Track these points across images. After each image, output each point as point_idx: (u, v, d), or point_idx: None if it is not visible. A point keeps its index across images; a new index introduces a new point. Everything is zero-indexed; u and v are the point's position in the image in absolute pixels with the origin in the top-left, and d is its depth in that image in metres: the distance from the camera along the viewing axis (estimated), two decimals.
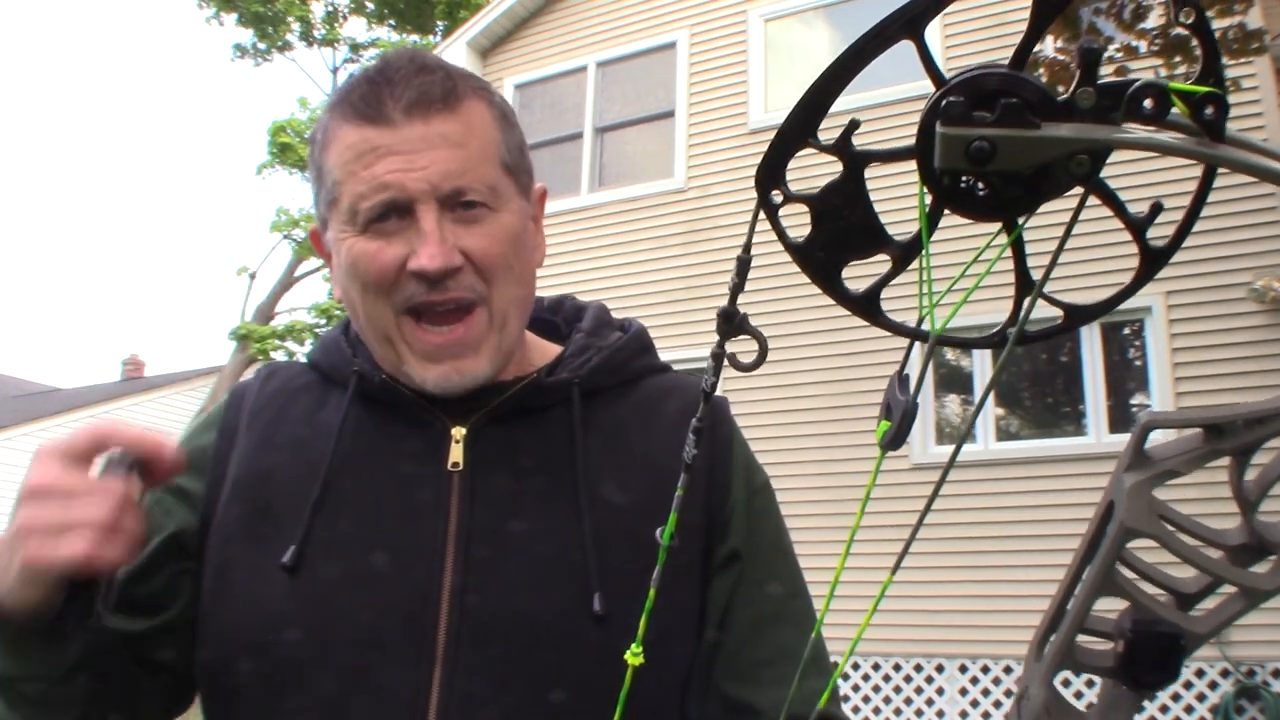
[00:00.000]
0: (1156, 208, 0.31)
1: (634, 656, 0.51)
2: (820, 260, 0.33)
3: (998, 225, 0.31)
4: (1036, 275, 0.31)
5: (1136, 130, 0.27)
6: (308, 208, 18.09)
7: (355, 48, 20.08)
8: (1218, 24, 5.52)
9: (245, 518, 0.88)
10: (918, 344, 0.34)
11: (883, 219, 0.33)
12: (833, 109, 0.31)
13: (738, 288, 0.35)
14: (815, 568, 1.06)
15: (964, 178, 0.29)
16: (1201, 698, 6.11)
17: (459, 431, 0.89)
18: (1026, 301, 0.32)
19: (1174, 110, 0.27)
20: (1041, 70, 5.30)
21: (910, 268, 0.34)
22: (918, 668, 6.85)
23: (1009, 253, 0.32)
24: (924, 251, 0.31)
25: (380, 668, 0.82)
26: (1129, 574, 0.25)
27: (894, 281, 0.35)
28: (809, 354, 7.54)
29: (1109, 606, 0.26)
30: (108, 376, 25.48)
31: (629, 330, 1.00)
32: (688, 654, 0.87)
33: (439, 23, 18.44)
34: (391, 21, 19.32)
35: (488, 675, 0.82)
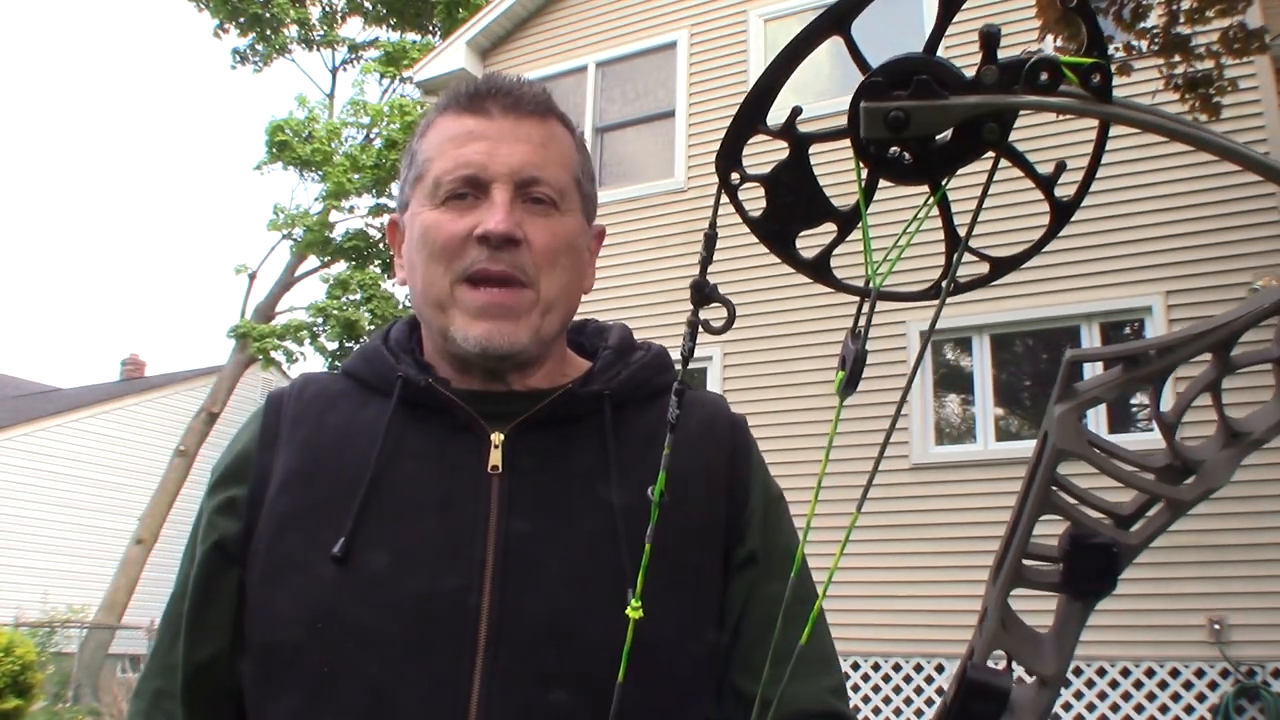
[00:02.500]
0: (1060, 166, 0.35)
1: (634, 610, 0.54)
2: (775, 231, 0.37)
3: (925, 190, 0.34)
4: (963, 233, 0.34)
5: (1031, 96, 0.30)
6: (306, 206, 18.08)
7: (354, 48, 20.09)
8: (1218, 24, 5.54)
9: (289, 519, 0.91)
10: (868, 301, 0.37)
11: (827, 192, 0.37)
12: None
13: (706, 260, 0.39)
14: (815, 561, 1.08)
15: (892, 149, 0.32)
16: (1201, 698, 6.12)
17: (498, 437, 0.93)
18: (955, 256, 0.35)
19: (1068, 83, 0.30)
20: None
21: (853, 234, 0.37)
22: (918, 668, 6.87)
23: (938, 214, 0.35)
24: (863, 218, 0.35)
25: (421, 665, 0.85)
26: (1068, 499, 0.27)
27: (841, 246, 0.38)
28: (806, 347, 7.56)
29: (1055, 534, 0.28)
30: (107, 376, 25.53)
31: (651, 350, 1.06)
32: (708, 649, 0.91)
33: (437, 22, 18.46)
34: (391, 21, 19.33)
35: (525, 673, 0.85)
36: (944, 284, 0.36)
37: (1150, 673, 6.29)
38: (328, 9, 19.50)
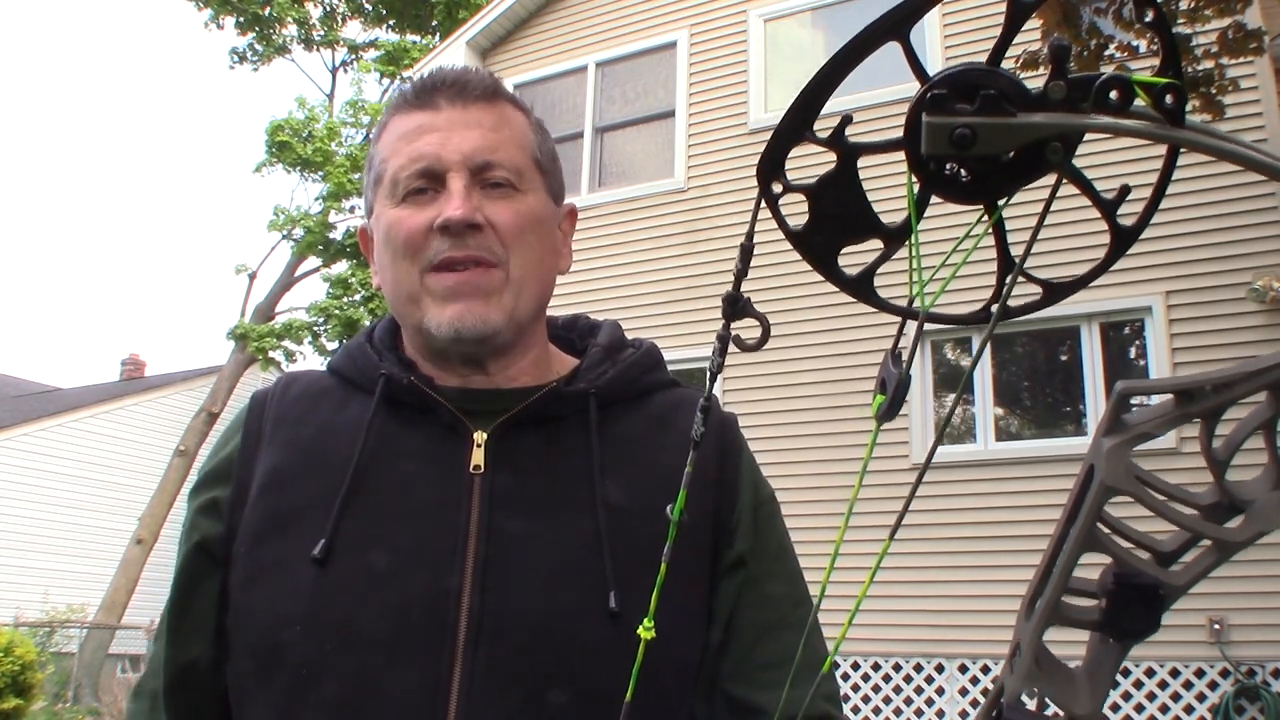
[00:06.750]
0: (1124, 190, 0.33)
1: (646, 631, 0.53)
2: (817, 246, 0.36)
3: (980, 209, 0.33)
4: (1017, 255, 0.33)
5: (1103, 118, 0.29)
6: (306, 206, 18.08)
7: (354, 49, 20.06)
8: (1216, 23, 5.53)
9: (270, 518, 0.91)
10: (910, 322, 0.36)
11: (874, 206, 0.36)
12: (828, 105, 0.33)
13: (741, 273, 0.38)
14: (814, 561, 1.08)
15: (948, 165, 0.31)
16: (1201, 698, 6.11)
17: (480, 436, 0.92)
18: (1008, 279, 0.34)
19: (1137, 101, 0.29)
20: (1044, 69, 5.30)
21: (900, 251, 0.36)
22: (918, 668, 6.87)
23: (992, 235, 0.34)
24: (913, 235, 0.33)
25: (400, 665, 0.84)
26: (1110, 533, 0.27)
27: (886, 264, 0.37)
28: (807, 347, 7.56)
29: (1093, 562, 0.27)
30: (107, 376, 25.48)
31: (641, 347, 1.04)
32: (696, 652, 0.90)
33: (435, 22, 18.42)
34: (390, 22, 19.30)
35: (505, 674, 0.84)
36: (994, 308, 0.35)
37: (1150, 673, 6.28)
38: (328, 9, 19.46)
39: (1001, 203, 0.33)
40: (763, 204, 0.35)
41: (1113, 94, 0.29)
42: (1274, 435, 0.26)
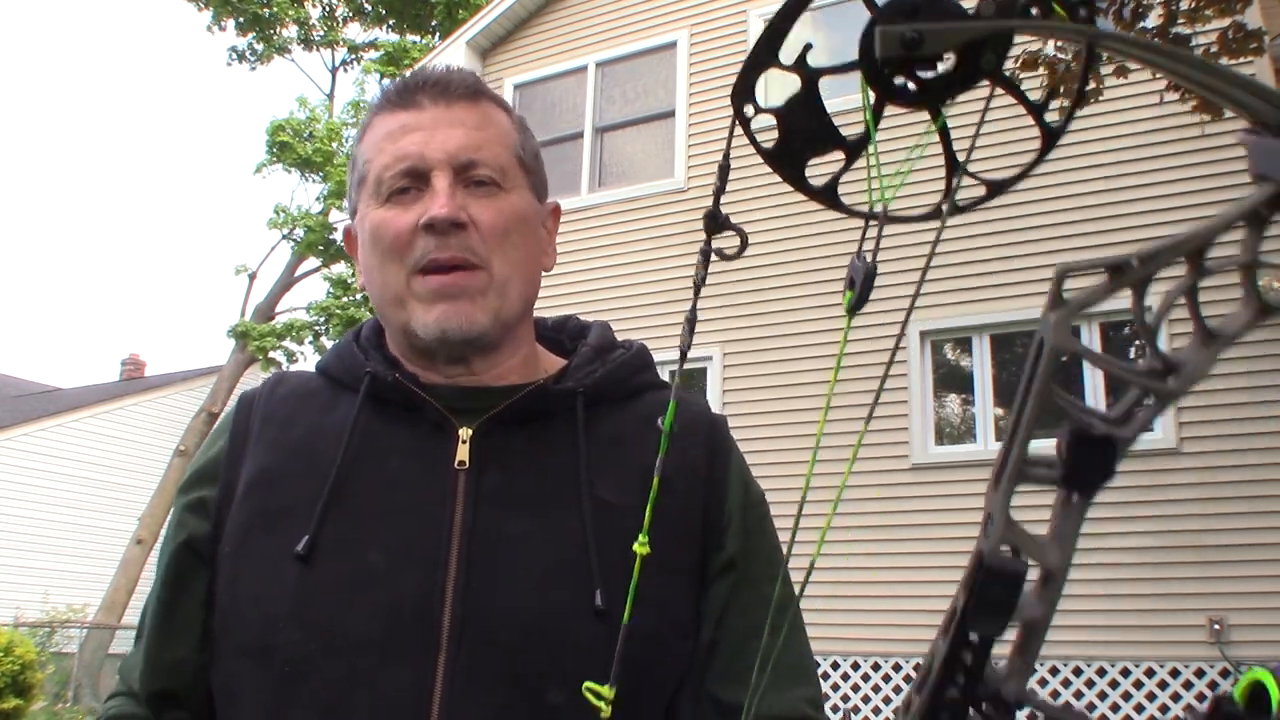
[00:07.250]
0: (1050, 93, 0.37)
1: (641, 546, 0.55)
2: (787, 161, 0.40)
3: (928, 121, 0.37)
4: (962, 157, 0.38)
5: (1030, 22, 0.33)
6: (306, 206, 18.15)
7: (354, 49, 20.12)
8: (1217, 24, 5.57)
9: (256, 518, 0.92)
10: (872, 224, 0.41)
11: (835, 122, 0.41)
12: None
13: (720, 190, 0.42)
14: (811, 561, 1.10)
15: (898, 79, 0.36)
16: (1201, 698, 6.13)
17: (466, 432, 0.92)
18: (955, 179, 0.38)
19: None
20: (1042, 69, 5.38)
21: (858, 166, 0.41)
22: (918, 668, 6.88)
23: (939, 140, 0.38)
24: (871, 138, 0.38)
25: (385, 664, 0.84)
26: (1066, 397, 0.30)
27: (847, 181, 0.42)
28: (807, 347, 7.59)
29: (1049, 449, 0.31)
30: (107, 376, 25.53)
31: (631, 348, 1.05)
32: (685, 654, 0.90)
33: (435, 22, 18.48)
34: (390, 22, 19.36)
35: (490, 672, 0.84)
36: (944, 206, 0.39)
37: (1150, 673, 6.31)
38: (327, 9, 19.53)
39: (945, 108, 0.37)
40: (738, 126, 0.40)
41: (1033, 10, 0.34)
42: (1196, 300, 0.30)
